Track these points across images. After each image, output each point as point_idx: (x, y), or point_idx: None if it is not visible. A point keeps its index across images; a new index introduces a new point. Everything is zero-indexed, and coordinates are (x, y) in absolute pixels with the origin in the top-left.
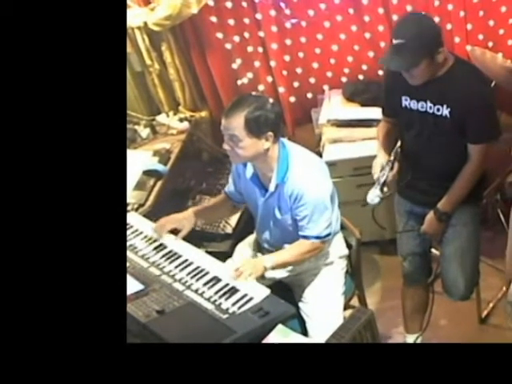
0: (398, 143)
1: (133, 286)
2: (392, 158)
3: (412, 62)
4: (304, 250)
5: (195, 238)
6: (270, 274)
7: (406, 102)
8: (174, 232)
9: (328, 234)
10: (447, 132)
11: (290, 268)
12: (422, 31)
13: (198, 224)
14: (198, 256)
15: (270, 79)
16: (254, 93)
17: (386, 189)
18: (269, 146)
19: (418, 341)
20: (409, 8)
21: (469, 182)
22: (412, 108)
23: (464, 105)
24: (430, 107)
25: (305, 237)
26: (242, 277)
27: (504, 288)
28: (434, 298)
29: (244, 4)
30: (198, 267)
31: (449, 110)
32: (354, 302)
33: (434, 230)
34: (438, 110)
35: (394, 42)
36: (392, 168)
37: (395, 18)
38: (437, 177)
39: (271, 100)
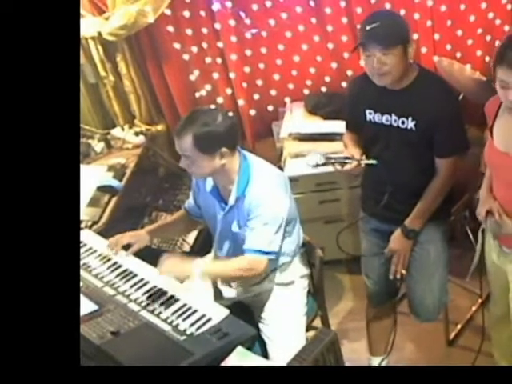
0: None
1: (86, 306)
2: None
3: (390, 41)
4: (242, 265)
5: (151, 256)
6: (228, 294)
7: (370, 115)
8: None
9: (271, 252)
10: (413, 145)
11: (249, 288)
12: (396, 18)
13: (155, 242)
14: (154, 275)
15: (229, 91)
16: (205, 107)
17: (330, 162)
18: (225, 162)
19: (384, 363)
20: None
21: (437, 197)
22: (376, 121)
23: (429, 117)
24: (395, 120)
25: (246, 250)
26: (162, 270)
27: (473, 308)
28: (401, 319)
29: (202, 13)
30: (154, 287)
31: (414, 122)
32: (317, 323)
33: (402, 249)
34: (403, 122)
35: (368, 27)
36: (345, 162)
37: (359, 28)
38: (403, 192)
39: (223, 113)
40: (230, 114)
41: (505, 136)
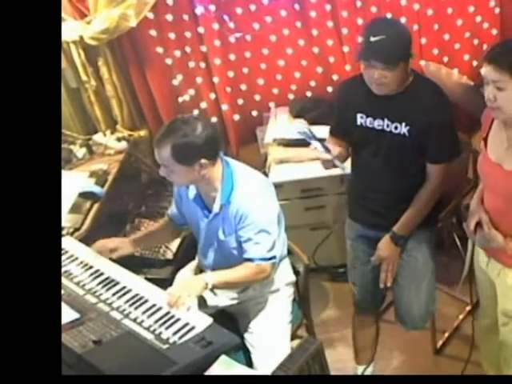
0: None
1: (68, 314)
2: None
3: (393, 59)
4: (249, 272)
5: (134, 264)
6: (212, 302)
7: (361, 119)
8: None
9: (274, 257)
10: (405, 151)
11: (233, 296)
12: (400, 30)
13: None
14: (136, 283)
15: (212, 96)
16: (186, 116)
17: (310, 137)
18: (205, 172)
19: (370, 372)
20: (359, 21)
21: (428, 204)
22: (368, 126)
23: (423, 123)
24: (388, 125)
25: (249, 259)
26: (181, 300)
27: (461, 317)
28: (387, 328)
29: (185, 17)
30: (136, 295)
31: (407, 128)
32: (302, 331)
33: (391, 256)
34: (396, 128)
35: (373, 39)
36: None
37: (345, 31)
38: (392, 198)
39: (204, 123)
40: (212, 121)
41: (498, 146)
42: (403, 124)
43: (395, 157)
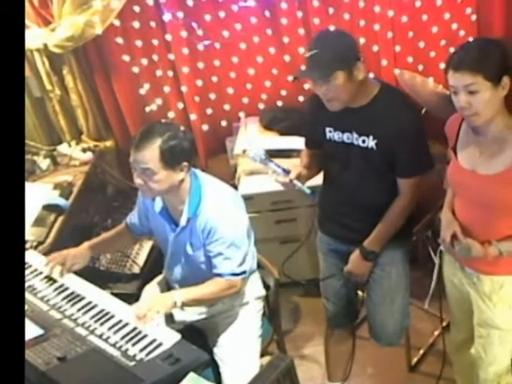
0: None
1: (32, 330)
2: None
3: (327, 71)
4: (218, 288)
5: (99, 278)
6: (180, 317)
7: (330, 133)
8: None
9: (244, 272)
10: (375, 165)
11: (202, 310)
12: (335, 41)
13: (103, 263)
14: (102, 298)
15: (180, 105)
16: (163, 120)
17: (268, 162)
18: (183, 176)
19: None
20: (332, 29)
21: (399, 218)
22: (336, 140)
23: (390, 136)
24: (356, 138)
25: (219, 274)
26: (149, 315)
27: (436, 333)
28: (361, 344)
29: (152, 24)
30: (102, 310)
31: (375, 141)
32: (273, 348)
33: (361, 271)
34: (364, 141)
35: (308, 54)
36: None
37: None
38: (363, 212)
39: (182, 127)
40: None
41: (469, 153)
42: (371, 137)
43: (366, 170)
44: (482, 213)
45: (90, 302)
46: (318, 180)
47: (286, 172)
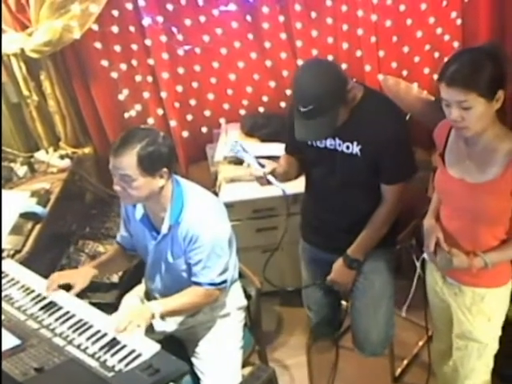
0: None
1: (8, 340)
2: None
3: (330, 121)
4: (197, 298)
5: None
6: (160, 328)
7: None
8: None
9: (224, 281)
10: (359, 171)
11: (182, 320)
12: (328, 87)
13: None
14: (80, 308)
15: (160, 112)
16: (142, 126)
17: (244, 154)
18: (163, 183)
19: None
20: (314, 33)
21: (383, 225)
22: (319, 146)
23: (374, 142)
24: (340, 144)
25: (198, 283)
26: (129, 329)
27: (420, 343)
28: (344, 354)
29: (132, 29)
30: (80, 320)
31: (359, 147)
32: (254, 358)
33: (344, 279)
34: (348, 147)
35: (303, 109)
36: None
37: (299, 44)
38: (347, 220)
39: (162, 133)
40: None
41: (458, 161)
42: (355, 143)
43: (349, 177)
44: (469, 222)
45: (67, 312)
46: (300, 187)
47: (262, 166)
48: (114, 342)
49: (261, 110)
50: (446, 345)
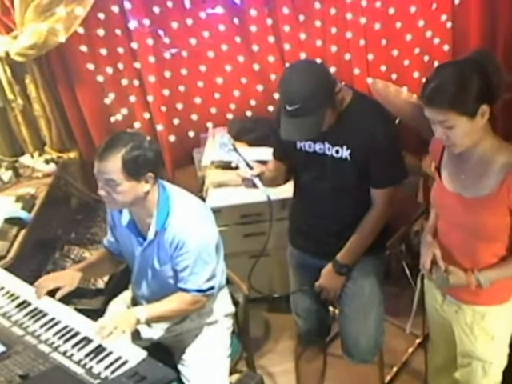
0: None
1: None
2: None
3: (316, 121)
4: (183, 304)
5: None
6: (146, 334)
7: (300, 143)
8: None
9: (211, 288)
10: (349, 175)
11: (168, 327)
12: (315, 85)
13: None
14: (66, 314)
15: (146, 116)
16: (129, 130)
17: (233, 152)
18: (149, 188)
19: None
20: (302, 36)
21: (373, 230)
22: (308, 150)
23: (364, 146)
24: (329, 148)
25: (184, 290)
26: (114, 334)
27: (410, 350)
28: (333, 361)
29: (118, 32)
30: (66, 327)
31: (349, 151)
32: (242, 365)
33: (333, 285)
34: (338, 151)
35: (289, 108)
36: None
37: (287, 47)
38: (336, 225)
39: (148, 137)
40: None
41: (454, 175)
42: (344, 147)
43: (339, 181)
44: (466, 237)
45: (53, 319)
46: (288, 192)
47: (249, 167)
48: (99, 349)
49: (248, 113)
50: (442, 360)
